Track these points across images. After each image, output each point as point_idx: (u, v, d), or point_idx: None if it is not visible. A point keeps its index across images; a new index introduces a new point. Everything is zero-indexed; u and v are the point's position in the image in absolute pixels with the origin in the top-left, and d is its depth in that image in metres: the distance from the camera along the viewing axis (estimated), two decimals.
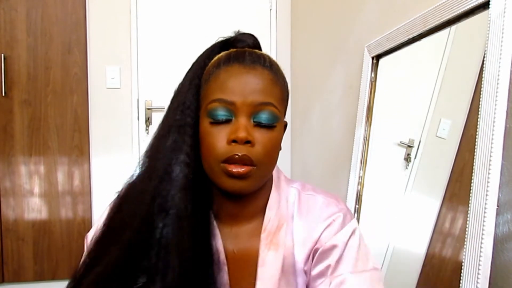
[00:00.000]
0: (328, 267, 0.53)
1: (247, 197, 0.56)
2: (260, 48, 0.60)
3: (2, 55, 1.87)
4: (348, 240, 0.55)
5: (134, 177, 0.57)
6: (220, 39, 0.59)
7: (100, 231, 0.54)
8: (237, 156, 0.49)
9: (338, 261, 0.53)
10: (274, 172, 0.61)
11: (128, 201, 0.54)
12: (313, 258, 0.56)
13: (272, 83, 0.52)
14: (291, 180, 0.64)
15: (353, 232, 0.56)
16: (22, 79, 1.90)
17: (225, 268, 0.55)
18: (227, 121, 0.50)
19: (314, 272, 0.54)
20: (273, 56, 2.23)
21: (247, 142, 0.49)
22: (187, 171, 0.51)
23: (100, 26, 1.99)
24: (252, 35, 0.60)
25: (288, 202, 0.59)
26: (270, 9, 2.15)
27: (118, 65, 2.00)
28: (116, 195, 0.58)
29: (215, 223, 0.56)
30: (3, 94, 1.88)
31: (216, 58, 0.56)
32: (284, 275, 0.55)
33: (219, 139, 0.50)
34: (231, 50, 0.56)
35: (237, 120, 0.50)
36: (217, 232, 0.56)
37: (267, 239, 0.55)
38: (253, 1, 2.13)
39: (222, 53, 0.56)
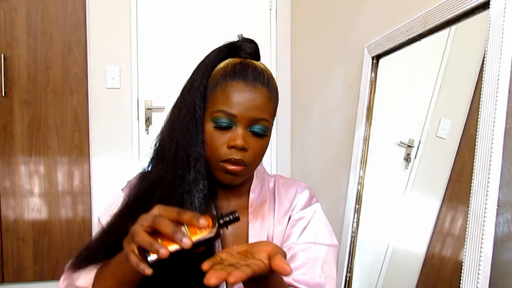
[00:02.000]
0: (294, 233, 0.68)
1: None
2: (259, 56, 0.70)
3: (2, 55, 1.87)
4: (312, 216, 0.70)
5: (151, 165, 0.67)
6: (225, 43, 0.69)
7: (122, 208, 0.63)
8: (233, 159, 0.62)
9: (303, 231, 0.68)
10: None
11: (155, 184, 0.62)
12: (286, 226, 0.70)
13: (268, 100, 0.64)
14: (271, 174, 0.79)
15: (316, 211, 0.72)
16: (22, 79, 1.90)
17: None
18: (228, 128, 0.62)
19: (285, 235, 0.69)
20: (273, 56, 2.23)
21: (243, 149, 0.62)
22: (203, 162, 0.62)
23: (100, 26, 1.98)
24: (253, 42, 0.70)
25: (269, 186, 0.74)
26: (270, 9, 2.15)
27: (118, 65, 2.00)
28: (138, 180, 0.67)
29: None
30: (3, 94, 1.88)
31: (223, 66, 0.65)
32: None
33: (220, 143, 0.62)
34: (236, 61, 0.66)
35: (236, 129, 0.62)
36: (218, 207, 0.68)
37: (254, 213, 0.70)
38: (253, 1, 2.13)
39: (229, 63, 0.65)
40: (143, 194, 0.62)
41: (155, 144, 0.67)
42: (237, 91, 0.62)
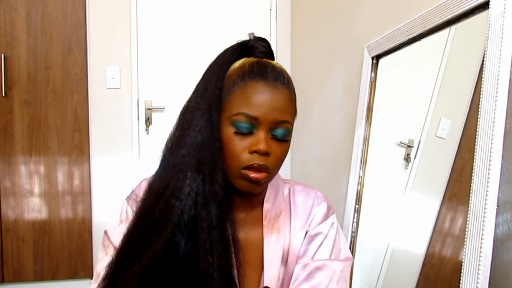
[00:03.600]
0: (310, 250, 0.64)
1: None
2: (273, 55, 0.67)
3: (2, 55, 1.87)
4: (329, 231, 0.66)
5: (159, 174, 0.61)
6: (238, 42, 0.65)
7: (134, 226, 0.59)
8: (256, 165, 0.57)
9: (319, 247, 0.64)
10: None
11: (164, 195, 0.57)
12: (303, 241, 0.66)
13: (290, 101, 0.60)
14: (285, 179, 0.73)
15: (332, 224, 0.67)
16: (22, 79, 1.90)
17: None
18: (249, 133, 0.58)
19: (301, 250, 0.65)
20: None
21: (266, 153, 0.57)
22: (221, 171, 0.58)
23: (100, 26, 1.99)
24: (266, 41, 0.66)
25: (284, 195, 0.69)
26: (270, 9, 2.15)
27: (118, 65, 2.00)
28: (145, 189, 0.62)
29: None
30: (3, 94, 1.88)
31: (239, 66, 0.61)
32: (283, 260, 0.64)
33: (241, 148, 0.57)
34: (253, 60, 0.62)
35: (258, 133, 0.57)
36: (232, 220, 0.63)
37: (269, 225, 0.65)
38: (253, 1, 2.13)
39: (245, 63, 0.61)
40: (154, 210, 0.57)
41: (164, 151, 0.62)
42: (258, 91, 0.57)
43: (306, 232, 0.66)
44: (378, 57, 1.21)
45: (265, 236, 0.64)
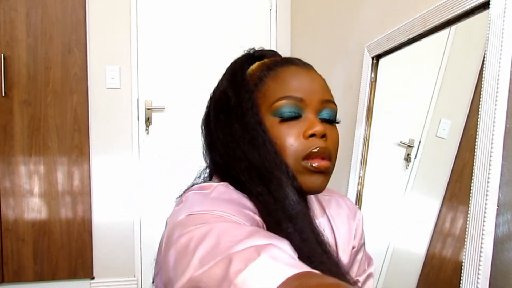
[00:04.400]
0: (359, 263, 0.61)
1: None
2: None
3: (2, 55, 1.86)
4: (363, 239, 0.63)
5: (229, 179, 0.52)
6: (248, 50, 0.60)
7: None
8: (318, 149, 0.48)
9: (363, 258, 0.62)
10: None
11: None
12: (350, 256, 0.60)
13: (326, 83, 0.55)
14: None
15: (362, 227, 0.64)
16: (22, 79, 1.90)
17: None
18: (296, 118, 0.50)
19: (352, 268, 0.60)
20: None
21: (323, 136, 0.49)
22: (290, 172, 0.48)
23: (100, 26, 1.98)
24: (273, 50, 0.62)
25: (313, 201, 0.60)
26: (270, 9, 2.15)
27: (118, 65, 2.00)
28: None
29: None
30: (3, 94, 1.87)
31: (259, 65, 0.56)
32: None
33: (294, 136, 0.49)
34: (271, 58, 0.57)
35: (307, 116, 0.50)
36: None
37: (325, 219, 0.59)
38: (253, 1, 2.13)
39: (264, 61, 0.56)
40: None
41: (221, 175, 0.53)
42: (294, 74, 0.51)
43: (353, 247, 0.60)
44: (378, 57, 1.21)
45: (331, 223, 0.58)
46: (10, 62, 1.88)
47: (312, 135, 0.49)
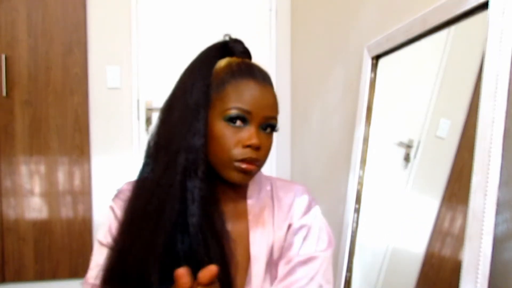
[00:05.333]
0: (295, 244, 0.67)
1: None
2: (251, 55, 0.70)
3: (3, 55, 1.87)
4: (312, 223, 0.68)
5: (150, 170, 0.63)
6: (218, 42, 0.68)
7: (126, 224, 0.61)
8: (250, 159, 0.60)
9: (304, 241, 0.67)
10: None
11: (155, 193, 0.60)
12: (286, 233, 0.68)
13: (275, 100, 0.65)
14: (267, 176, 0.76)
15: (316, 216, 0.70)
16: (23, 79, 1.90)
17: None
18: (242, 126, 0.61)
19: (285, 244, 0.67)
20: (273, 57, 2.23)
21: (257, 147, 0.61)
22: (204, 167, 0.60)
23: (100, 26, 1.99)
24: (242, 43, 0.69)
25: (266, 190, 0.72)
26: (270, 9, 2.15)
27: (118, 65, 2.00)
28: (134, 189, 0.64)
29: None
30: (4, 95, 1.88)
31: (225, 65, 0.64)
32: (268, 254, 0.67)
33: (234, 142, 0.60)
34: (237, 60, 0.66)
35: (250, 128, 0.61)
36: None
37: (254, 220, 0.68)
38: (253, 1, 2.13)
39: (231, 62, 0.65)
40: (148, 209, 0.59)
41: (152, 150, 0.64)
42: (250, 89, 0.61)
43: (289, 225, 0.68)
44: (378, 57, 1.22)
45: (251, 230, 0.67)
46: (11, 62, 1.89)
47: (249, 146, 0.60)
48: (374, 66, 1.23)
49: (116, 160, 2.00)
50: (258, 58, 0.68)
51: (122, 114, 2.01)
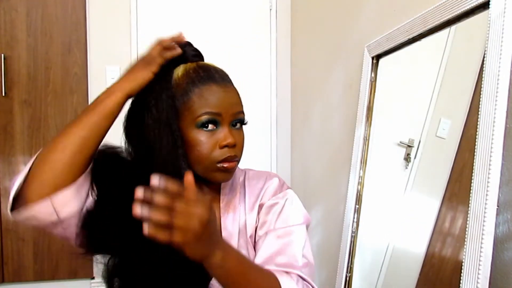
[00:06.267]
0: (269, 220, 0.69)
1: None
2: (202, 55, 0.73)
3: (2, 55, 1.87)
4: (285, 201, 0.71)
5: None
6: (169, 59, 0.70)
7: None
8: (229, 157, 0.65)
9: (278, 216, 0.70)
10: None
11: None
12: (258, 213, 0.72)
13: (238, 95, 0.69)
14: (243, 168, 0.80)
15: (289, 195, 0.73)
16: (22, 79, 1.90)
17: None
18: (214, 129, 0.65)
19: (259, 223, 0.71)
20: (273, 56, 2.22)
21: (234, 145, 0.65)
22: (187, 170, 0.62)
23: (100, 26, 1.98)
24: (191, 44, 0.73)
25: (239, 180, 0.76)
26: (270, 9, 2.15)
27: (118, 65, 2.00)
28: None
29: None
30: (3, 94, 1.87)
31: (182, 73, 0.67)
32: (242, 235, 0.71)
33: (211, 145, 0.64)
34: (193, 65, 0.68)
35: (223, 128, 0.65)
36: None
37: (225, 207, 0.72)
38: (253, 1, 2.13)
39: (188, 69, 0.68)
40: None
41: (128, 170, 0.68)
42: (214, 92, 0.65)
43: (261, 205, 0.72)
44: (378, 57, 1.21)
45: (222, 216, 0.71)
46: (10, 62, 1.88)
47: (226, 146, 0.64)
48: (375, 66, 1.22)
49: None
50: (258, 58, 0.67)
51: (122, 114, 2.00)
